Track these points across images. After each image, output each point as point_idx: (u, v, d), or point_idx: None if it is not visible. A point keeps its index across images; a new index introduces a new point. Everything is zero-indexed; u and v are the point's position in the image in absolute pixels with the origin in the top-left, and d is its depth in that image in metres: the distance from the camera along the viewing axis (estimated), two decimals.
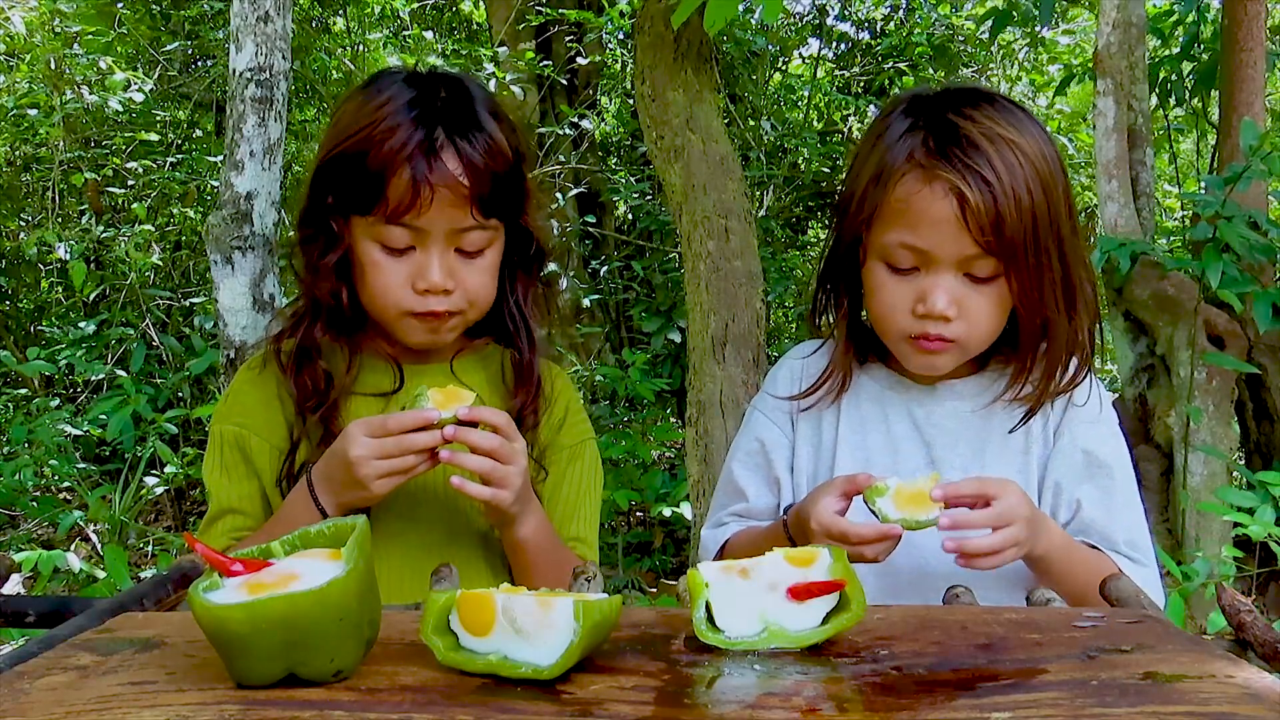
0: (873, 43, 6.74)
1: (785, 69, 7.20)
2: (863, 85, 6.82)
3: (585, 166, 5.88)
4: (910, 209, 1.21)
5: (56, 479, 4.62)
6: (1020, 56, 7.17)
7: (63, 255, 5.02)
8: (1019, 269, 1.20)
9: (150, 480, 4.49)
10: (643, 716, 0.67)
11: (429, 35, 6.02)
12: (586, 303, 5.63)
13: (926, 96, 1.28)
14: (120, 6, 5.34)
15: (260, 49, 2.56)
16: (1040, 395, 1.30)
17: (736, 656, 0.79)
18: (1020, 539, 1.13)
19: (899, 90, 6.35)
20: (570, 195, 5.75)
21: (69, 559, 3.38)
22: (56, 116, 4.96)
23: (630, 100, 5.80)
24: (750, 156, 5.99)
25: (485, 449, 1.18)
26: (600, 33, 5.83)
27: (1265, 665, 0.81)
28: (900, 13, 6.82)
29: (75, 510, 4.20)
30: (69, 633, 0.83)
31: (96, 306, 5.47)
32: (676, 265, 5.17)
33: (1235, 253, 3.31)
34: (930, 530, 1.13)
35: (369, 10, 6.24)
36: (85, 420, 4.60)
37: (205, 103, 5.58)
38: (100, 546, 4.24)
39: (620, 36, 6.14)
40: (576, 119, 5.49)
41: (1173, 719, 0.66)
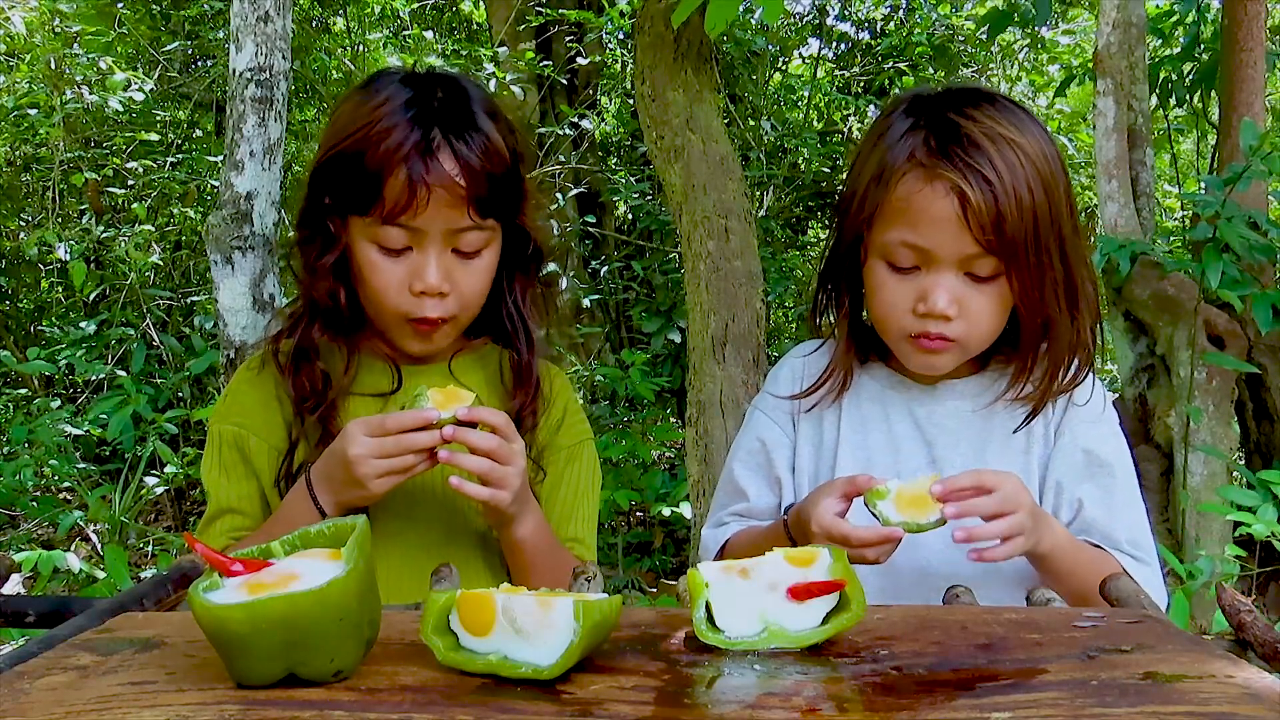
0: (873, 43, 6.74)
1: (785, 69, 7.20)
2: (863, 85, 6.82)
3: (585, 166, 5.88)
4: (911, 208, 1.21)
5: (56, 479, 4.62)
6: (1020, 57, 7.17)
7: (63, 255, 5.01)
8: (1020, 268, 1.21)
9: (150, 480, 4.49)
10: (643, 716, 0.67)
11: (429, 35, 6.02)
12: (586, 303, 5.63)
13: (927, 96, 1.28)
14: (120, 6, 5.34)
15: (260, 49, 2.56)
16: (1043, 395, 1.30)
17: (736, 656, 0.79)
18: (1025, 526, 1.13)
19: (899, 90, 6.35)
20: (570, 195, 5.74)
21: (69, 559, 3.37)
22: (56, 116, 4.96)
23: (630, 100, 5.79)
24: (750, 156, 5.99)
25: (484, 449, 1.18)
26: (600, 33, 5.83)
27: (1265, 665, 0.81)
28: (900, 13, 6.82)
29: (75, 510, 4.20)
30: (69, 633, 0.83)
31: (96, 306, 5.47)
32: (676, 265, 5.17)
33: (1235, 253, 3.31)
34: (932, 530, 1.13)
35: (369, 10, 6.24)
36: (85, 420, 4.60)
37: (205, 103, 5.58)
38: (100, 546, 4.24)
39: (620, 36, 6.14)
40: (576, 119, 5.48)
41: (1173, 719, 0.66)
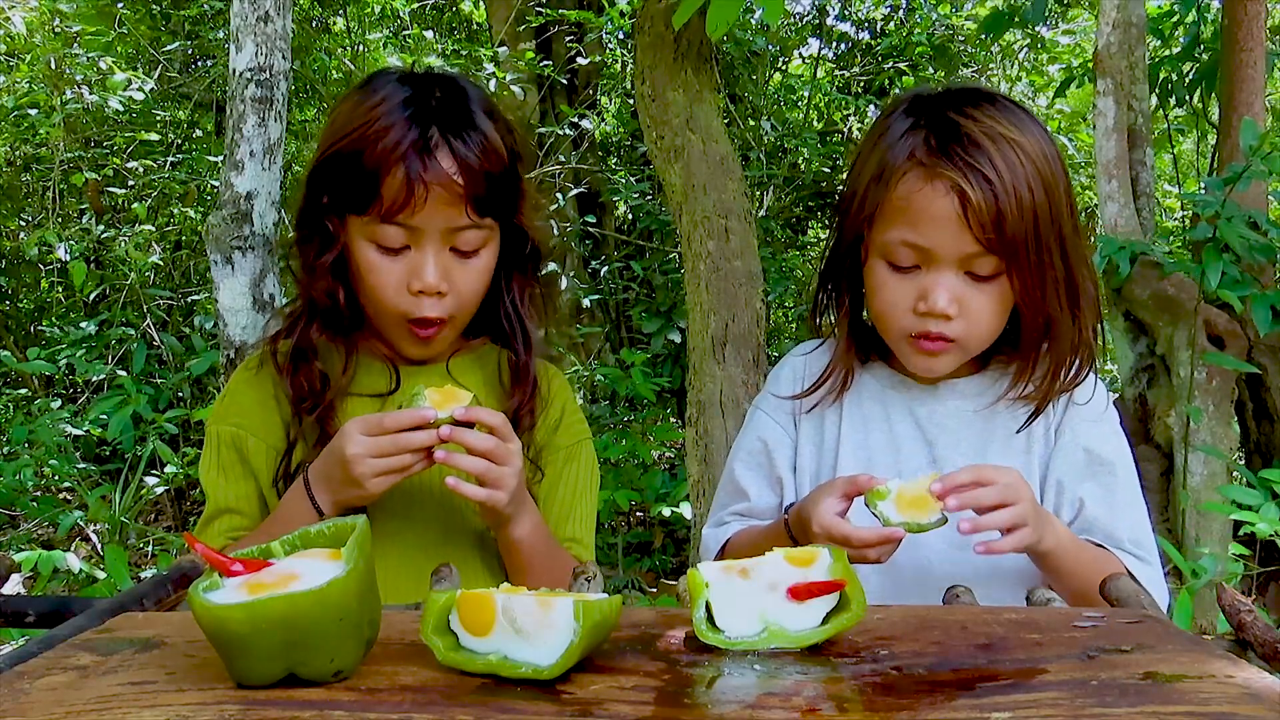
0: (873, 43, 6.74)
1: (785, 69, 7.20)
2: (863, 85, 6.82)
3: (585, 166, 5.88)
4: (911, 207, 1.21)
5: (56, 479, 4.62)
6: (1020, 57, 7.17)
7: (63, 255, 5.02)
8: (1020, 267, 1.21)
9: (150, 480, 4.48)
10: (643, 716, 0.67)
11: (429, 35, 6.02)
12: (586, 303, 5.63)
13: (927, 96, 1.28)
14: (120, 6, 5.34)
15: (260, 49, 2.56)
16: (1045, 394, 1.30)
17: (736, 656, 0.79)
18: (1028, 517, 1.13)
19: (899, 90, 6.35)
20: (570, 195, 5.74)
21: (69, 559, 3.37)
22: (56, 116, 4.96)
23: (630, 100, 5.79)
24: (750, 156, 5.99)
25: (481, 450, 1.18)
26: (600, 33, 5.83)
27: (1265, 665, 0.81)
28: (900, 13, 6.82)
29: (75, 510, 4.20)
30: (69, 633, 0.83)
31: (97, 306, 5.47)
32: (676, 265, 5.17)
33: (1235, 253, 3.31)
34: (934, 530, 1.13)
35: (369, 10, 6.24)
36: (85, 420, 4.60)
37: (205, 103, 5.58)
38: (100, 546, 4.23)
39: (620, 36, 6.14)
40: (576, 119, 5.48)
41: (1173, 719, 0.65)
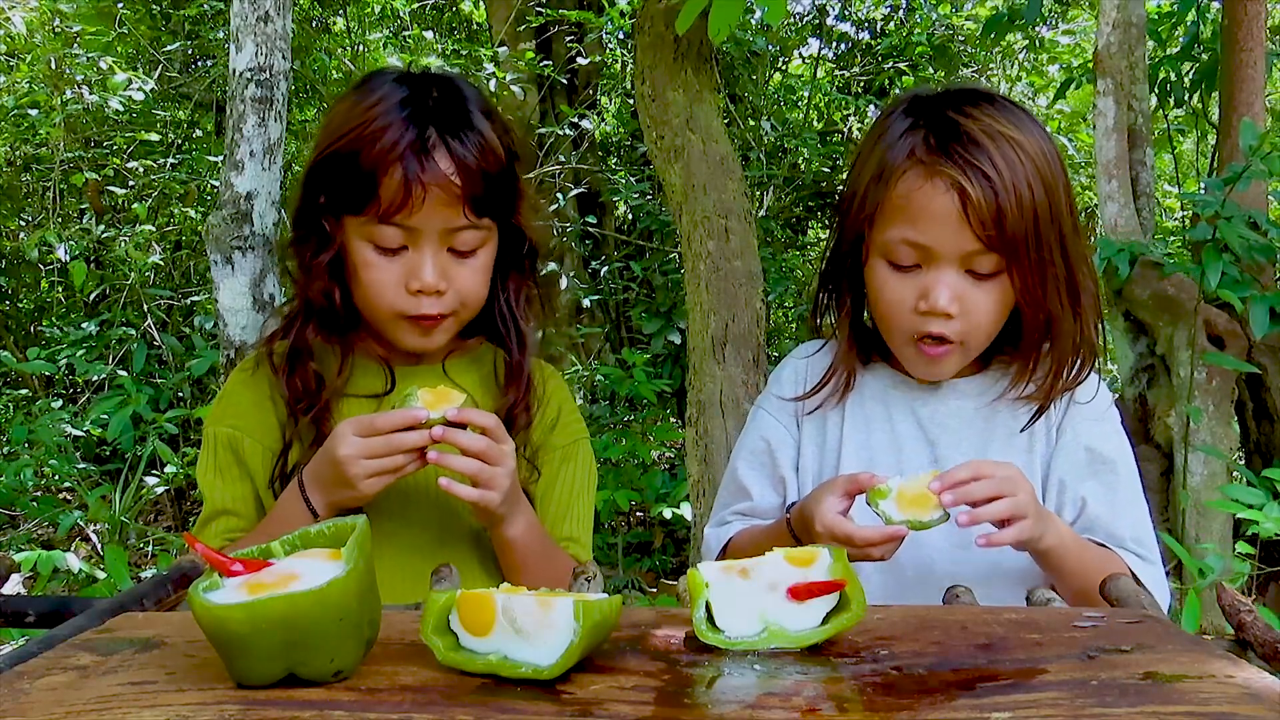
0: (873, 43, 6.74)
1: (785, 69, 7.20)
2: (863, 85, 6.82)
3: (585, 166, 5.88)
4: (911, 205, 1.22)
5: (56, 479, 4.62)
6: (1020, 57, 7.17)
7: (63, 255, 5.01)
8: (1021, 265, 1.21)
9: (150, 480, 4.48)
10: (643, 716, 0.67)
11: (429, 35, 6.02)
12: (586, 303, 5.63)
13: (926, 96, 1.29)
14: (120, 6, 5.34)
15: (260, 49, 2.56)
16: (1048, 393, 1.30)
17: (736, 656, 0.79)
18: (1027, 510, 1.13)
19: (899, 90, 6.35)
20: (570, 195, 5.74)
21: (69, 559, 3.37)
22: (56, 116, 4.95)
23: (630, 100, 5.79)
24: (750, 156, 5.99)
25: (473, 450, 1.18)
26: (600, 33, 5.83)
27: (1265, 665, 0.81)
28: (900, 13, 6.82)
29: (75, 510, 4.19)
30: (69, 633, 0.83)
31: (97, 306, 5.47)
32: (676, 265, 5.17)
33: (1235, 253, 3.31)
34: (935, 529, 1.13)
35: (369, 10, 6.24)
36: (85, 420, 4.60)
37: (205, 103, 5.58)
38: (100, 546, 4.23)
39: (620, 36, 6.14)
40: (576, 119, 5.48)
41: (1173, 719, 0.65)
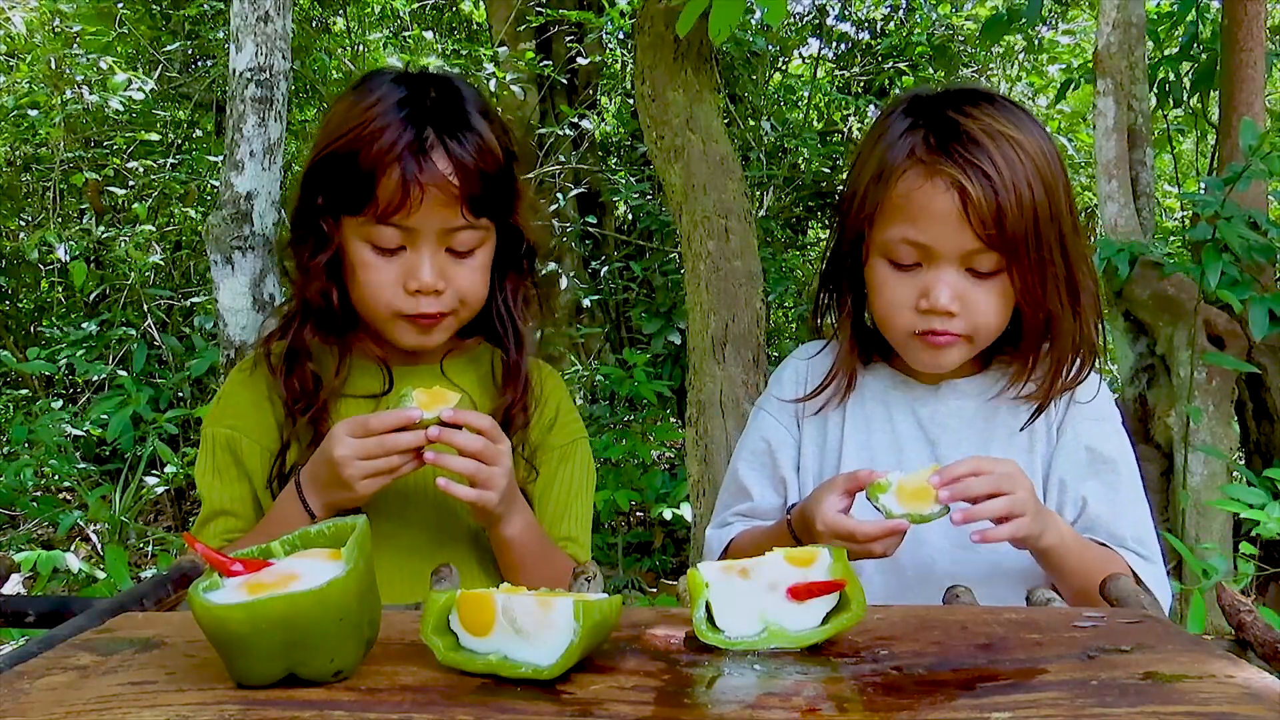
0: (873, 43, 6.73)
1: (785, 69, 7.19)
2: (863, 85, 6.82)
3: (585, 166, 5.87)
4: (911, 204, 1.22)
5: (56, 479, 4.62)
6: (1020, 57, 7.17)
7: (63, 255, 5.01)
8: (1021, 264, 1.21)
9: (150, 480, 4.48)
10: (643, 716, 0.67)
11: (429, 35, 6.02)
12: (586, 303, 5.62)
13: (926, 96, 1.29)
14: (120, 6, 5.33)
15: (260, 49, 2.56)
16: (1048, 392, 1.31)
17: (736, 656, 0.79)
18: (1025, 507, 1.13)
19: (899, 90, 6.35)
20: (570, 195, 5.74)
21: (69, 559, 3.37)
22: (56, 116, 4.95)
23: (630, 100, 5.79)
24: (750, 156, 5.99)
25: (470, 450, 1.18)
26: (600, 33, 5.83)
27: (1265, 665, 0.81)
28: (900, 13, 6.82)
29: (75, 510, 4.19)
30: (69, 633, 0.83)
31: (97, 306, 5.46)
32: (676, 265, 5.17)
33: (1234, 253, 3.31)
34: (936, 528, 1.13)
35: (369, 10, 6.24)
36: (85, 420, 4.60)
37: (205, 103, 5.57)
38: (100, 546, 4.23)
39: (620, 36, 6.13)
40: (576, 119, 5.48)
41: (1173, 719, 0.66)
